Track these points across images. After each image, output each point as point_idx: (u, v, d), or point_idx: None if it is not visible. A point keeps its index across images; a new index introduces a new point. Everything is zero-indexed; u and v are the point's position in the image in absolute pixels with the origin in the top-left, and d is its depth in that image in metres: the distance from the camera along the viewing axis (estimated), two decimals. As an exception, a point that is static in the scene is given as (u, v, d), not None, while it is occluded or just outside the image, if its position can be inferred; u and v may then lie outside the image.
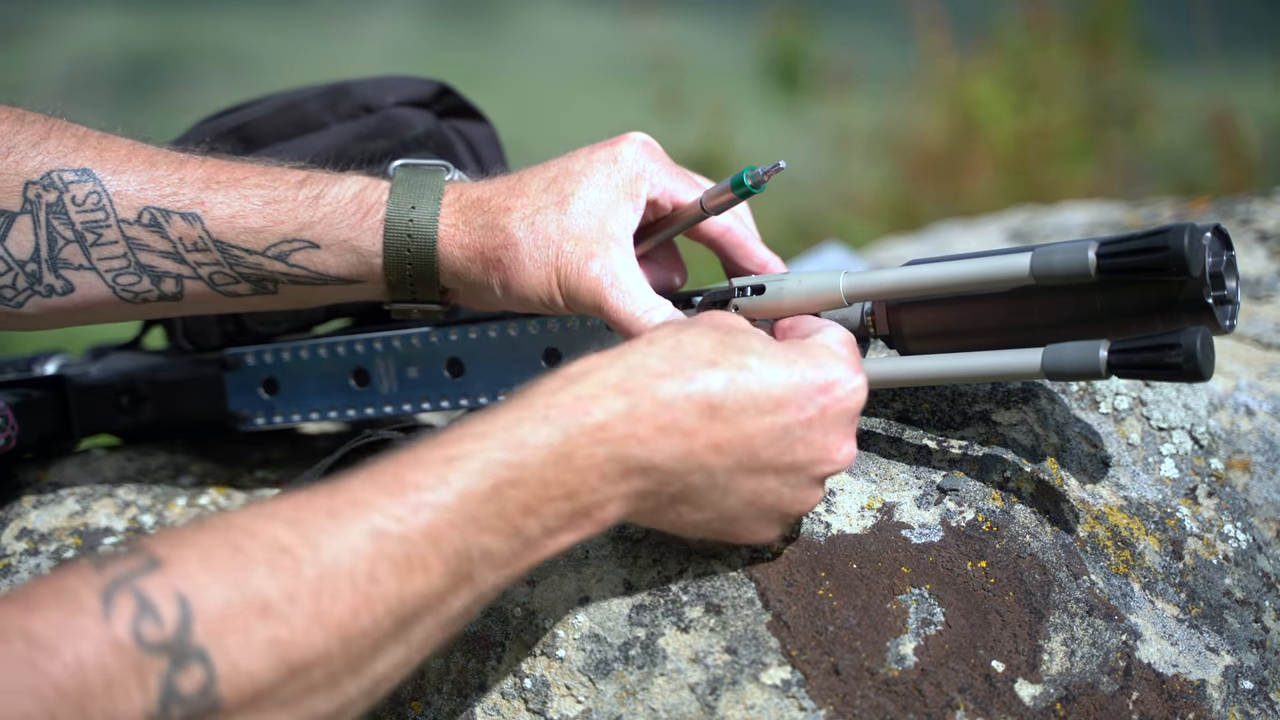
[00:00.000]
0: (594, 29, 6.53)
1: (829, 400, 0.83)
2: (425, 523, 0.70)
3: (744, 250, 1.03)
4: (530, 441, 0.74)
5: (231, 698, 0.63)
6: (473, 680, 0.92)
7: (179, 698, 0.61)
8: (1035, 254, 0.87)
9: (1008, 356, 0.88)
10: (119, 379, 1.20)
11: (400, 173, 0.98)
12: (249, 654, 0.63)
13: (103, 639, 0.60)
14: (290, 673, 0.65)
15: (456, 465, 0.72)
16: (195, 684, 0.61)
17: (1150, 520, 0.98)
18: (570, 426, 0.75)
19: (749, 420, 0.80)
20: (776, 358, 0.82)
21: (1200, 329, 0.81)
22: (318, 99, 1.22)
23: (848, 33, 5.02)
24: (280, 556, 0.66)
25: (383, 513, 0.69)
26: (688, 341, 0.81)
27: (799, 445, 0.82)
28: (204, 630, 0.62)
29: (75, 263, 0.97)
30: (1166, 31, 4.14)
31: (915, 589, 0.90)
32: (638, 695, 0.89)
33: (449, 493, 0.71)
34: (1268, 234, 1.38)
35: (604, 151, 0.97)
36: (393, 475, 0.71)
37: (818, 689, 0.87)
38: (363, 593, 0.67)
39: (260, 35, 6.57)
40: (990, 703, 0.87)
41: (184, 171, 0.97)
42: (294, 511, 0.68)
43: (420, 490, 0.71)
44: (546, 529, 0.75)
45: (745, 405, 0.80)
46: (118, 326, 1.16)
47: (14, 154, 0.95)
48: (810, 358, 0.84)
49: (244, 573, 0.64)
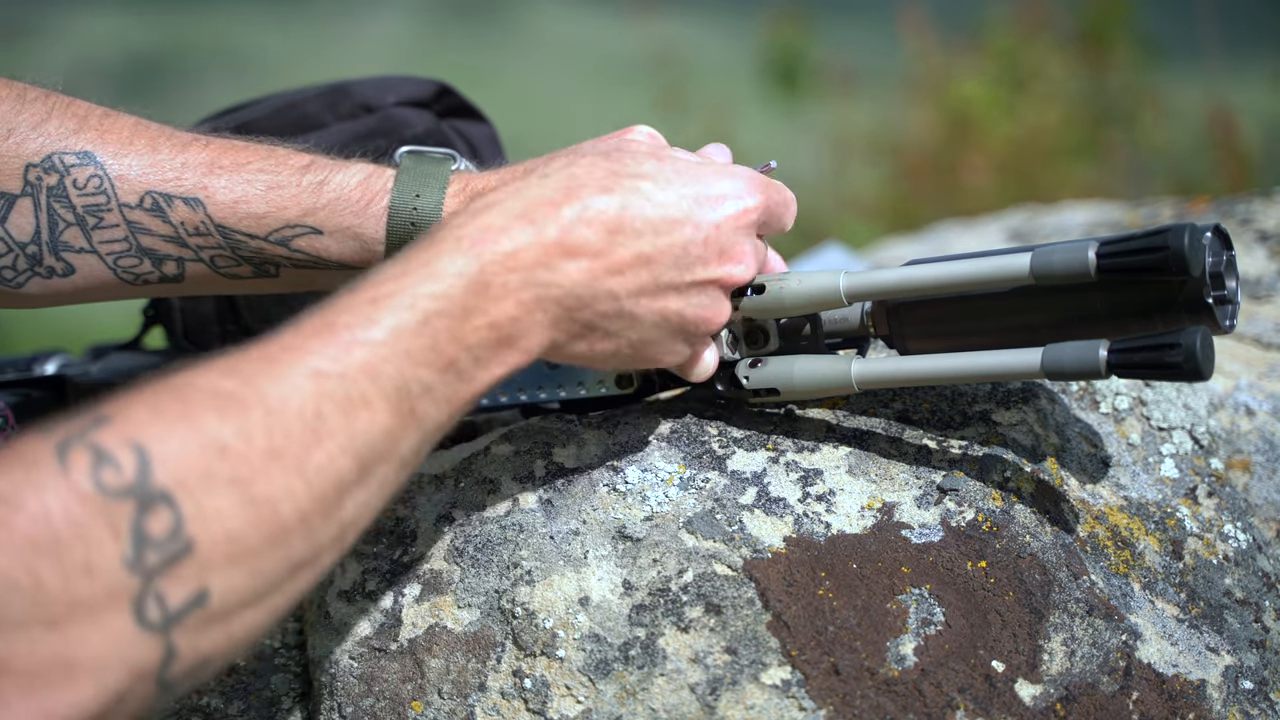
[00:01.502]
0: (594, 29, 6.53)
1: (722, 216, 0.87)
2: (361, 360, 0.71)
3: None
4: (449, 271, 0.77)
5: (203, 538, 0.63)
6: (473, 680, 0.92)
7: (150, 541, 0.61)
8: (1035, 254, 0.87)
9: (1008, 356, 0.88)
10: (119, 379, 1.20)
11: (406, 160, 0.99)
12: (213, 493, 0.63)
13: (64, 489, 0.60)
14: (257, 511, 0.65)
15: (382, 304, 0.74)
16: (164, 526, 0.61)
17: (1150, 520, 0.98)
18: (484, 254, 0.78)
19: (646, 241, 0.84)
20: (669, 179, 0.86)
21: (1200, 329, 0.81)
22: (318, 99, 1.23)
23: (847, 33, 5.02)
24: (227, 402, 0.66)
25: (319, 354, 0.70)
26: (581, 171, 0.84)
27: (697, 264, 0.86)
28: (164, 473, 0.62)
29: (76, 245, 0.96)
30: (1167, 31, 4.14)
31: (915, 589, 0.90)
32: (638, 695, 0.89)
33: (380, 330, 0.73)
34: (1268, 234, 1.38)
35: (609, 145, 0.97)
36: (322, 321, 0.73)
37: (818, 689, 0.87)
38: (313, 429, 0.68)
39: (261, 35, 6.58)
40: (990, 703, 0.87)
41: (187, 155, 0.97)
42: (231, 363, 0.69)
43: (352, 329, 0.72)
44: (476, 359, 0.77)
45: (641, 228, 0.83)
46: (118, 326, 1.16)
47: (14, 136, 0.95)
48: (700, 179, 0.87)
49: (195, 419, 0.65)
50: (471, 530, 0.97)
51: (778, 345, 0.98)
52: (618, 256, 0.83)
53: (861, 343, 1.01)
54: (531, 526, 0.96)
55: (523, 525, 0.96)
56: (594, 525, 0.95)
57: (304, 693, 1.00)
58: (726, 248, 0.87)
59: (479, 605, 0.94)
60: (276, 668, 1.02)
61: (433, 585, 0.95)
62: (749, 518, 0.94)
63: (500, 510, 0.97)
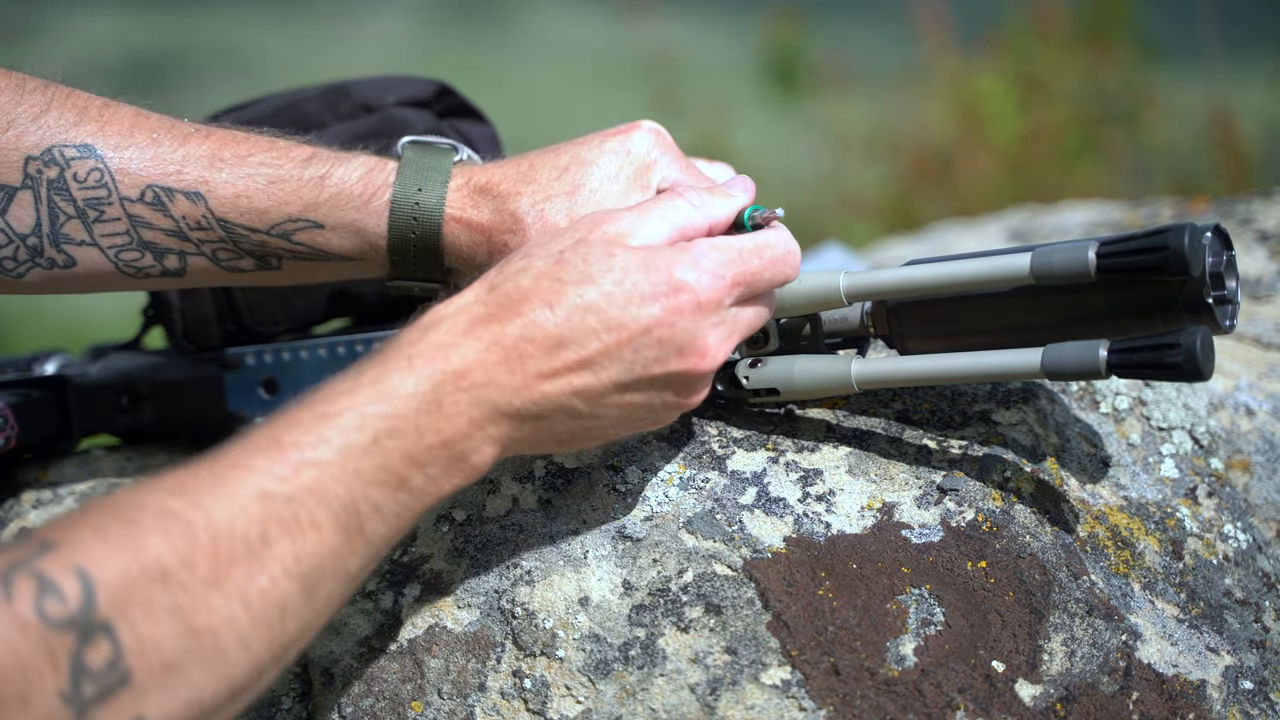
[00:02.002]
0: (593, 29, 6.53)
1: (678, 312, 0.82)
2: (310, 481, 0.71)
3: None
4: (400, 392, 0.76)
5: (140, 669, 0.62)
6: (473, 680, 0.92)
7: (89, 673, 0.61)
8: (1035, 254, 0.87)
9: (1008, 356, 0.88)
10: (119, 379, 1.20)
11: (409, 152, 0.98)
12: (153, 623, 0.63)
13: (7, 620, 0.59)
14: (197, 641, 0.65)
15: (333, 421, 0.73)
16: (103, 658, 0.61)
17: (1150, 520, 0.98)
18: (435, 374, 0.77)
19: (594, 348, 0.81)
20: (620, 279, 0.82)
21: (1200, 329, 0.81)
22: (318, 99, 1.22)
23: (847, 32, 5.02)
24: (173, 523, 0.66)
25: (267, 474, 0.70)
26: (528, 282, 0.82)
27: (653, 364, 0.82)
28: (107, 601, 0.62)
29: (77, 238, 0.96)
30: (1167, 31, 4.14)
31: (915, 589, 0.90)
32: (638, 695, 0.89)
33: (329, 449, 0.72)
34: (1268, 234, 1.38)
35: (616, 140, 0.97)
36: (270, 438, 0.72)
37: (818, 689, 0.87)
38: (257, 554, 0.68)
39: (261, 35, 6.57)
40: (990, 703, 0.87)
41: (188, 148, 0.96)
42: (178, 482, 0.68)
43: (301, 449, 0.71)
44: (429, 477, 0.77)
45: (585, 338, 0.81)
46: (118, 326, 1.16)
47: (14, 128, 0.94)
48: (657, 269, 0.82)
49: (139, 541, 0.64)
50: (471, 530, 0.97)
51: (778, 345, 0.98)
52: (565, 368, 0.81)
53: (861, 343, 1.01)
54: (531, 526, 0.96)
55: (523, 525, 0.96)
56: (594, 525, 0.95)
57: (304, 693, 1.00)
58: (685, 344, 0.82)
59: (479, 605, 0.94)
60: (276, 668, 1.02)
61: (433, 585, 0.95)
62: (749, 518, 0.94)
63: (500, 510, 0.97)
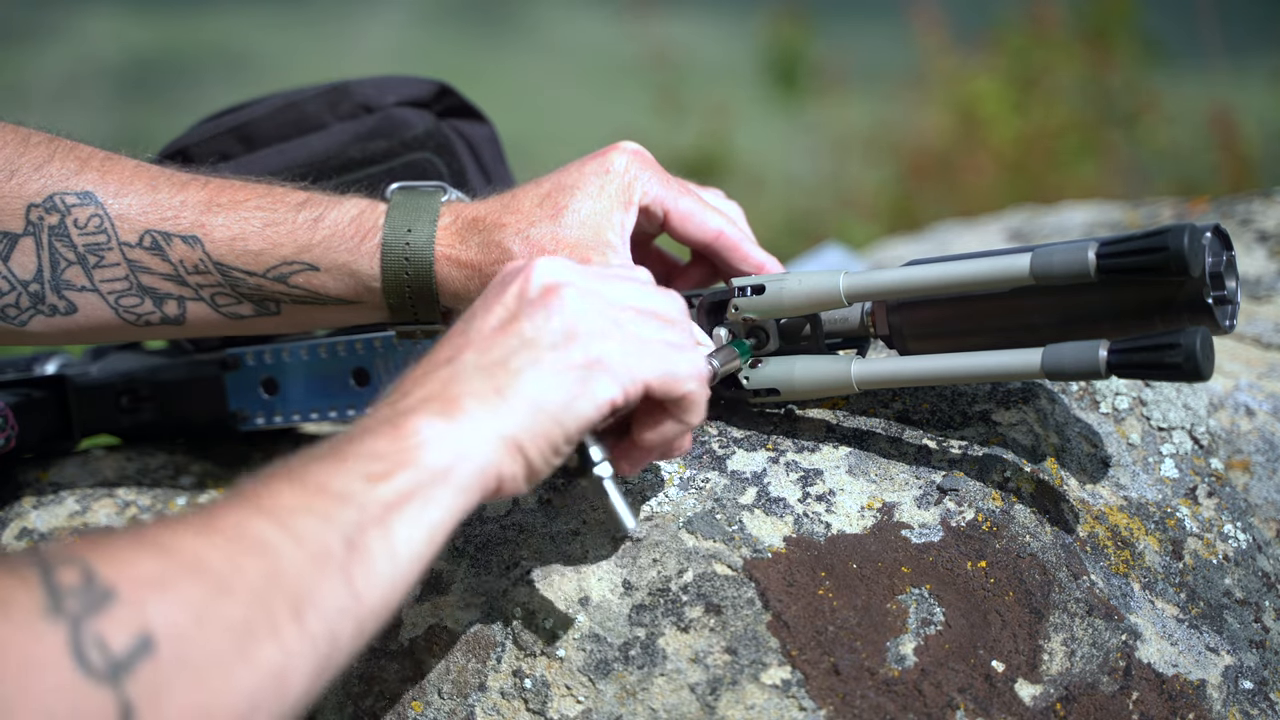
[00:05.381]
0: (594, 29, 6.53)
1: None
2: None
3: (739, 253, 1.03)
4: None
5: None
6: (473, 680, 0.92)
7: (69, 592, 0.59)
8: (1035, 254, 0.87)
9: (1008, 356, 0.88)
10: (119, 379, 1.20)
11: (397, 196, 0.99)
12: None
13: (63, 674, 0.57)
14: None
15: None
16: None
17: (1150, 520, 0.98)
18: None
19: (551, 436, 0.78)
20: (555, 365, 0.78)
21: (1200, 329, 0.81)
22: (318, 99, 1.23)
23: (847, 33, 5.03)
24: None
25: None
26: (464, 369, 0.77)
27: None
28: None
29: (78, 284, 0.98)
30: (1168, 32, 4.14)
31: (915, 589, 0.90)
32: (638, 695, 0.89)
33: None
34: (1268, 234, 1.38)
35: (595, 163, 0.99)
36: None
37: (818, 689, 0.87)
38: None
39: (260, 35, 6.58)
40: (990, 703, 0.87)
41: (185, 194, 0.98)
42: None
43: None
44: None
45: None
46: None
47: (17, 176, 0.96)
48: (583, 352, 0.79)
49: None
50: (471, 530, 0.97)
51: (778, 345, 0.98)
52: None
53: (861, 343, 1.01)
54: (531, 526, 0.96)
55: (523, 525, 0.96)
56: (594, 525, 0.95)
57: (304, 693, 1.00)
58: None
59: (479, 605, 0.94)
60: (276, 668, 1.02)
61: (433, 585, 0.96)
62: (749, 518, 0.94)
63: (500, 510, 0.97)
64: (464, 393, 0.75)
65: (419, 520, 0.70)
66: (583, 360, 0.78)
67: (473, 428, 0.74)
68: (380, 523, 0.69)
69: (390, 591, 0.69)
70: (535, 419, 0.76)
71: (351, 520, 0.68)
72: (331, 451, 0.71)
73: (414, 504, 0.70)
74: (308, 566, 0.66)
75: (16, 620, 0.57)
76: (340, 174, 1.18)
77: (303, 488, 0.68)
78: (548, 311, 0.79)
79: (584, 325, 0.79)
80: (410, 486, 0.71)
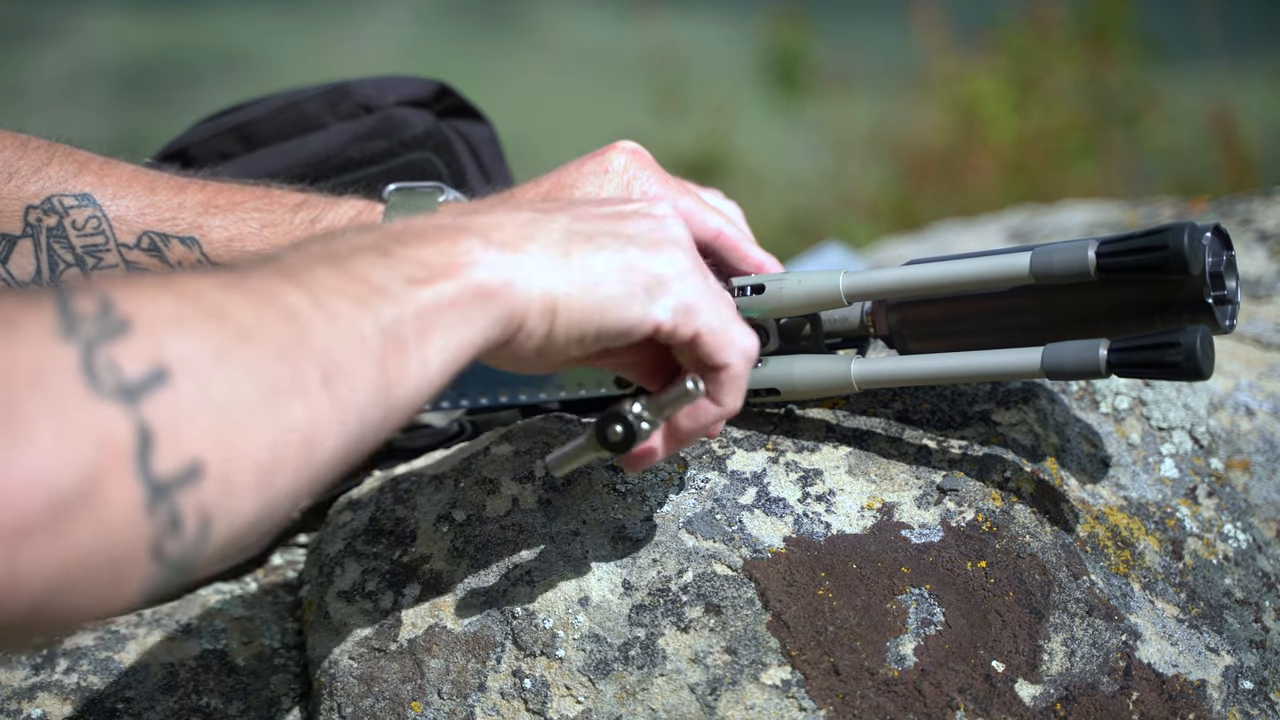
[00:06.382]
0: (594, 29, 6.53)
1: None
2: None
3: (738, 253, 1.02)
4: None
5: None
6: (473, 680, 0.92)
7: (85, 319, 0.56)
8: (1035, 253, 0.87)
9: (1008, 356, 0.88)
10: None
11: (394, 196, 0.99)
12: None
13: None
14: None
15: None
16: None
17: (1150, 520, 0.98)
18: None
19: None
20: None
21: (1200, 328, 0.81)
22: (317, 99, 1.23)
23: (847, 33, 5.03)
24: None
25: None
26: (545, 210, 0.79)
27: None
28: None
29: None
30: (1169, 31, 4.14)
31: (915, 589, 0.90)
32: (638, 695, 0.89)
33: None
34: (1268, 234, 1.38)
35: (593, 163, 0.99)
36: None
37: (818, 689, 0.87)
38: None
39: (260, 35, 6.58)
40: (990, 703, 0.87)
41: (183, 196, 0.99)
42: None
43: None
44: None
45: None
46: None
47: (16, 179, 0.97)
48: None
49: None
50: (471, 530, 0.97)
51: (778, 345, 0.98)
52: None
53: (861, 343, 1.01)
54: (531, 526, 0.96)
55: (523, 525, 0.96)
56: (594, 525, 0.95)
57: (304, 693, 1.00)
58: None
59: (479, 605, 0.94)
60: (276, 668, 1.02)
61: (433, 585, 0.95)
62: (749, 518, 0.94)
63: (500, 510, 0.97)
64: (534, 239, 0.75)
65: (450, 333, 0.69)
66: (659, 274, 0.78)
67: (523, 269, 0.73)
68: (416, 323, 0.67)
69: (416, 396, 0.67)
70: (585, 294, 0.75)
71: (389, 314, 0.66)
72: (376, 245, 0.69)
73: (450, 315, 0.69)
74: (339, 342, 0.63)
75: (28, 337, 0.54)
76: (340, 174, 1.19)
77: (342, 273, 0.66)
78: (659, 226, 0.80)
79: (678, 255, 0.80)
80: (451, 298, 0.69)
